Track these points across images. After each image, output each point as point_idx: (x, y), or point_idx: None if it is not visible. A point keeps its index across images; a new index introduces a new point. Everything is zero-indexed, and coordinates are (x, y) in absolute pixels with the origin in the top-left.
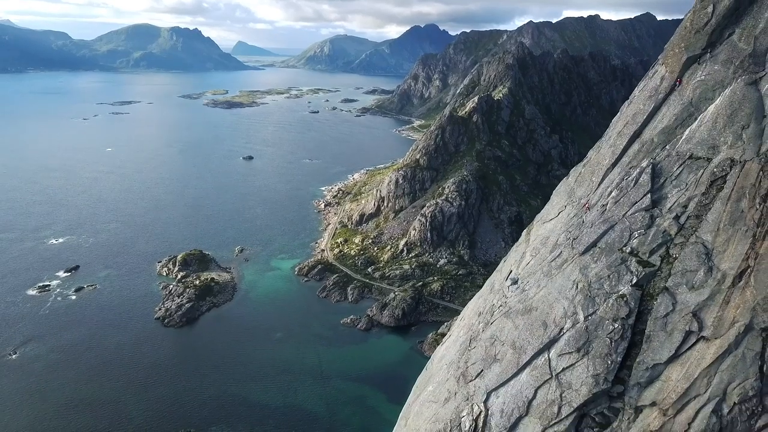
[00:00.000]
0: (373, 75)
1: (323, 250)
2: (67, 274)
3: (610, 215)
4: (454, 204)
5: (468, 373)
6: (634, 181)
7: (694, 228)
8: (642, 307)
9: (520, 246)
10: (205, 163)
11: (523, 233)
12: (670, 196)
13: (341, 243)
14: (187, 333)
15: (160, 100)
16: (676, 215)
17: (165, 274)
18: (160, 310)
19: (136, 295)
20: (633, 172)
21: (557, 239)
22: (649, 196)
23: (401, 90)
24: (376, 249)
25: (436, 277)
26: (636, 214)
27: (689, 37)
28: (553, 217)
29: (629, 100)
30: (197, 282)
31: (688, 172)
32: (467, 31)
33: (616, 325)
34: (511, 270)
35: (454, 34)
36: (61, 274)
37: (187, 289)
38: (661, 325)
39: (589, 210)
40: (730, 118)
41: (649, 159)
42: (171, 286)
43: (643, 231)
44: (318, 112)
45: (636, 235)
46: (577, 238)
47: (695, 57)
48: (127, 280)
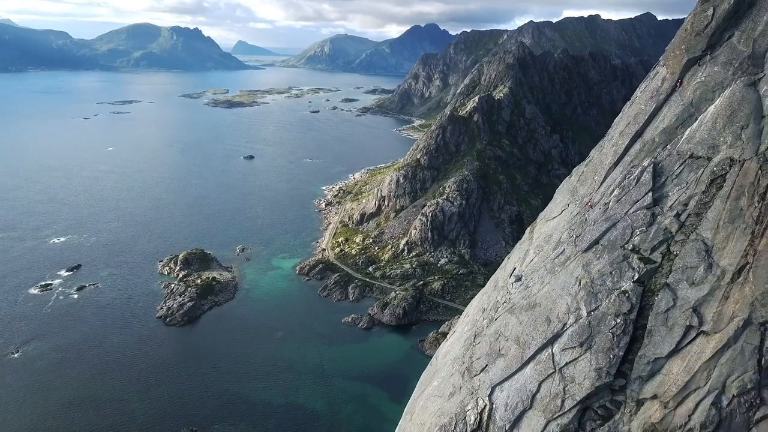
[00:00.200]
0: (374, 75)
1: (324, 250)
2: (68, 273)
3: (612, 213)
4: (455, 203)
5: (473, 367)
6: (635, 180)
7: (695, 225)
8: (643, 302)
9: (523, 244)
10: (206, 162)
11: (526, 231)
12: (671, 195)
13: (342, 242)
14: (188, 332)
15: (161, 100)
16: (676, 213)
17: (166, 273)
18: (161, 309)
19: (137, 294)
20: (635, 171)
21: (560, 237)
22: (650, 195)
23: (402, 90)
24: (376, 248)
25: (436, 277)
26: (638, 212)
27: (690, 40)
28: (556, 215)
29: (631, 100)
30: (199, 281)
31: (689, 171)
32: (467, 30)
33: (618, 321)
34: (515, 267)
35: (454, 33)
36: (63, 273)
37: (189, 288)
38: (662, 320)
39: (592, 208)
40: (730, 119)
41: (651, 158)
42: (172, 285)
43: (644, 228)
44: (318, 112)
45: (638, 233)
46: (579, 236)
47: (696, 59)
48: (128, 279)
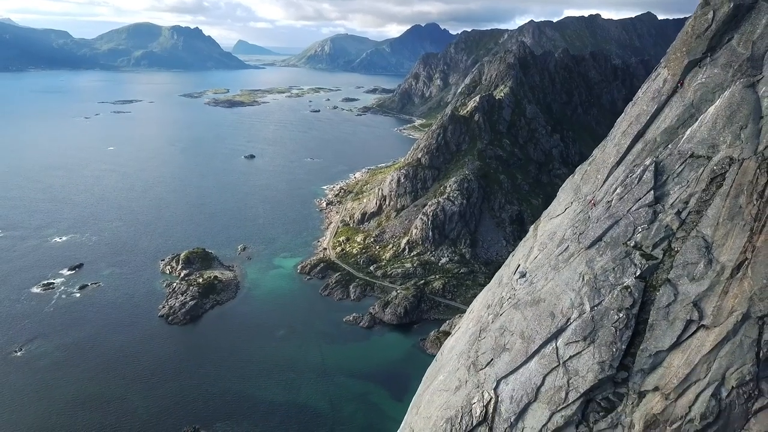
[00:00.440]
0: (374, 74)
1: (325, 249)
2: (71, 272)
3: (614, 211)
4: (456, 203)
5: (478, 362)
6: (637, 179)
7: (695, 223)
8: (645, 297)
9: (527, 241)
10: (207, 161)
11: (530, 229)
12: (672, 193)
13: (343, 241)
14: (190, 330)
15: (162, 99)
16: (677, 211)
17: (168, 272)
18: (163, 307)
19: (139, 293)
20: (637, 170)
21: (564, 234)
22: (652, 193)
23: (402, 89)
24: (377, 247)
25: (437, 276)
26: (640, 210)
27: (690, 42)
28: (560, 213)
29: (633, 101)
30: (200, 280)
31: (690, 170)
32: (468, 30)
33: (621, 315)
34: (519, 264)
35: (454, 33)
36: (65, 272)
37: (191, 287)
38: (664, 315)
39: (595, 206)
40: (729, 119)
41: (652, 157)
42: (174, 284)
43: (646, 226)
44: (319, 111)
45: (640, 230)
46: (583, 233)
47: (696, 61)
48: (130, 278)
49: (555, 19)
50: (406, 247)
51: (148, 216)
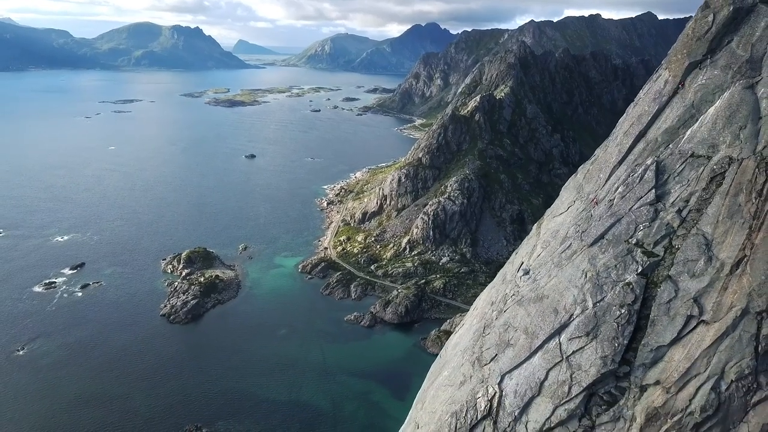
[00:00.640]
0: (374, 74)
1: (326, 248)
2: (72, 271)
3: (617, 209)
4: (457, 202)
5: (483, 357)
6: (639, 178)
7: (695, 221)
8: (647, 293)
9: (531, 239)
10: (208, 161)
11: (533, 227)
12: (673, 192)
13: (344, 241)
14: (192, 329)
15: (162, 99)
16: (678, 209)
17: (169, 271)
18: (165, 306)
19: (141, 292)
20: (638, 169)
21: (567, 232)
22: (653, 192)
23: (402, 89)
24: (378, 247)
25: (438, 275)
26: (641, 208)
27: (691, 44)
28: (563, 212)
29: (635, 101)
30: (202, 279)
31: (690, 169)
32: (468, 30)
33: (623, 311)
34: (523, 261)
35: (455, 33)
36: (67, 271)
37: (192, 286)
38: (665, 310)
39: (597, 204)
40: (729, 120)
41: (654, 157)
42: (176, 283)
43: (647, 224)
44: (319, 111)
45: (641, 228)
46: (585, 231)
47: (697, 62)
48: (132, 277)
49: (555, 19)
50: (407, 246)
51: (149, 215)
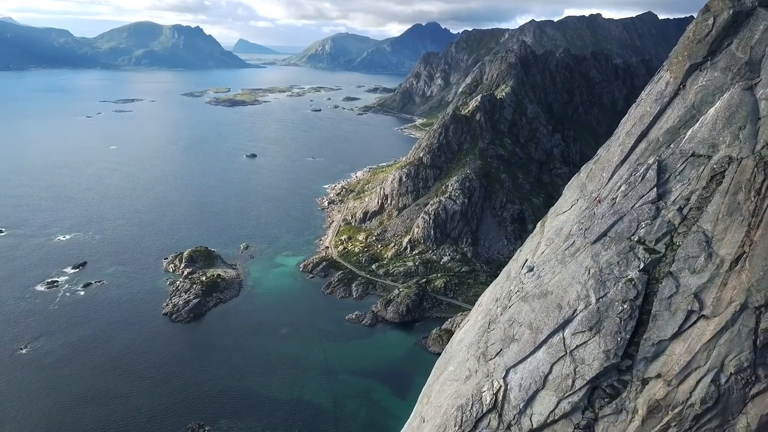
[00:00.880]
0: (375, 73)
1: (327, 247)
2: (74, 270)
3: (619, 207)
4: (458, 202)
5: (488, 352)
6: (641, 177)
7: (696, 218)
8: (648, 289)
9: (534, 237)
10: (209, 160)
11: (537, 225)
12: (674, 190)
13: (345, 240)
14: (194, 328)
15: (163, 98)
16: (679, 207)
17: (171, 270)
18: (167, 305)
19: (143, 291)
20: (640, 169)
21: (570, 230)
22: (655, 190)
23: (403, 88)
24: (379, 246)
25: (439, 274)
26: (643, 206)
27: (692, 47)
28: (566, 210)
29: (636, 102)
30: (203, 278)
31: (691, 168)
32: (469, 29)
33: (625, 306)
34: (527, 258)
35: (455, 32)
36: (69, 270)
37: (194, 285)
38: (666, 306)
39: (600, 203)
40: (729, 120)
41: (655, 156)
42: (178, 282)
43: (649, 221)
44: (320, 110)
45: (643, 225)
46: (588, 229)
47: (697, 64)
48: (134, 276)
49: (556, 19)
50: (408, 245)
51: (150, 215)
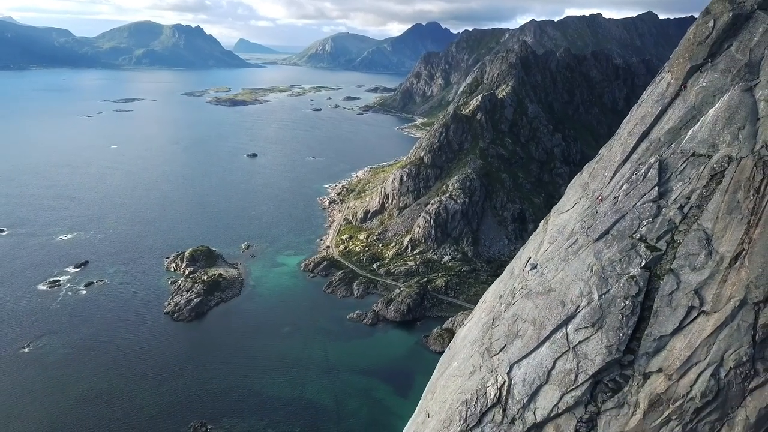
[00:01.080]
0: (375, 73)
1: (328, 247)
2: (76, 269)
3: (621, 206)
4: (458, 201)
5: (492, 348)
6: (643, 176)
7: (696, 216)
8: (650, 286)
9: (538, 235)
10: (210, 160)
11: (541, 223)
12: (675, 189)
13: (346, 240)
14: (196, 327)
15: (163, 98)
16: (680, 205)
17: (173, 269)
18: (169, 304)
19: (145, 290)
20: (642, 168)
21: (573, 228)
22: (656, 189)
23: (403, 88)
24: (380, 246)
25: (440, 274)
26: (645, 205)
27: (692, 49)
28: (569, 209)
29: (638, 103)
30: (205, 277)
31: (691, 168)
32: (469, 29)
33: (627, 303)
34: (531, 256)
35: (456, 32)
36: (71, 269)
37: (196, 285)
38: (667, 302)
39: (602, 201)
40: (728, 120)
41: (657, 156)
42: (179, 281)
43: (650, 220)
44: (320, 110)
45: (644, 224)
46: (591, 227)
47: (698, 66)
48: (135, 276)
49: (556, 19)
50: (409, 245)
51: (152, 214)
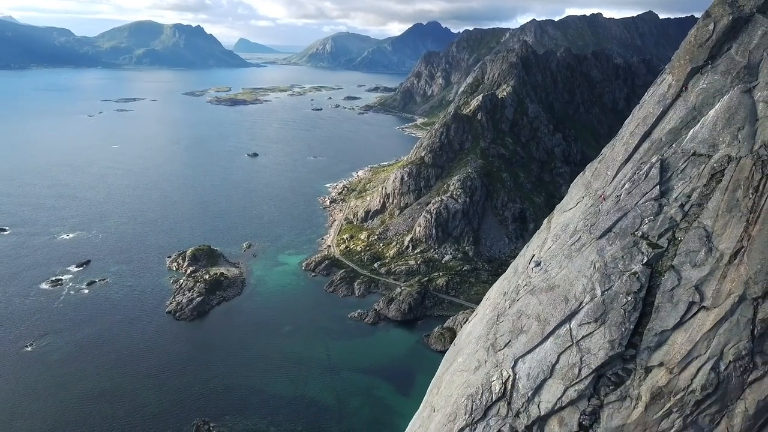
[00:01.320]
0: (376, 72)
1: (329, 246)
2: (78, 268)
3: (623, 204)
4: (459, 201)
5: (497, 343)
6: (644, 175)
7: (697, 214)
8: (651, 282)
9: (541, 233)
10: (211, 159)
11: (544, 222)
12: (676, 188)
13: (347, 239)
14: (198, 326)
15: (164, 97)
16: (681, 204)
17: (175, 268)
18: (171, 303)
19: (147, 289)
20: (644, 167)
21: (576, 226)
22: (657, 188)
23: (404, 88)
24: (381, 245)
25: (441, 273)
26: (646, 203)
27: (693, 51)
28: (572, 207)
29: (640, 104)
30: (207, 277)
31: (692, 167)
32: (470, 29)
33: (629, 298)
34: (534, 254)
35: (456, 32)
36: (73, 268)
37: (197, 284)
38: (668, 298)
39: (605, 200)
40: (728, 121)
41: (658, 155)
42: (181, 280)
43: (652, 218)
44: (321, 110)
45: (646, 221)
46: (594, 225)
47: (698, 68)
48: (137, 275)
49: (557, 18)
50: (410, 244)
51: (153, 213)
